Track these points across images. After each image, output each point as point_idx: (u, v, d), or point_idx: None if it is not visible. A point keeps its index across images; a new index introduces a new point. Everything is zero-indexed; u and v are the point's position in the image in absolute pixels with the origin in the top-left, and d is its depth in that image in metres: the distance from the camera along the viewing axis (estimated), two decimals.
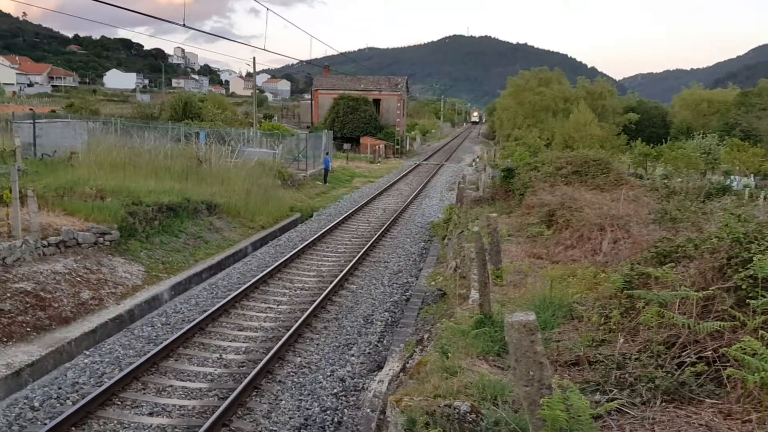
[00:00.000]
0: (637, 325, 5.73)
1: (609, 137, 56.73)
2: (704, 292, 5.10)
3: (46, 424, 7.91)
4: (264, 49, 25.84)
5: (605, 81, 79.68)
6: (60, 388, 9.13)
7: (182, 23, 15.68)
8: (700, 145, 36.64)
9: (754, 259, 4.84)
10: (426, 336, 9.32)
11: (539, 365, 3.39)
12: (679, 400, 4.58)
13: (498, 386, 4.94)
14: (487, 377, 5.16)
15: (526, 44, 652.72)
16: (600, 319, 6.30)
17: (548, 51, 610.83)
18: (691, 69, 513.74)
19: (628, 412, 4.51)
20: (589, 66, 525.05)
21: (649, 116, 76.06)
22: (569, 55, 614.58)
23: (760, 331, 4.37)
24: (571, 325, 6.83)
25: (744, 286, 5.01)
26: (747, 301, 4.74)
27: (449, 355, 5.67)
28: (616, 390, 4.78)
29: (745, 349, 3.85)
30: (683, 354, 4.95)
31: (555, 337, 6.52)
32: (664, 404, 4.55)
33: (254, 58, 43.89)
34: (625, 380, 4.88)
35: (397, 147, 62.38)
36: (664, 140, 49.48)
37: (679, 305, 5.38)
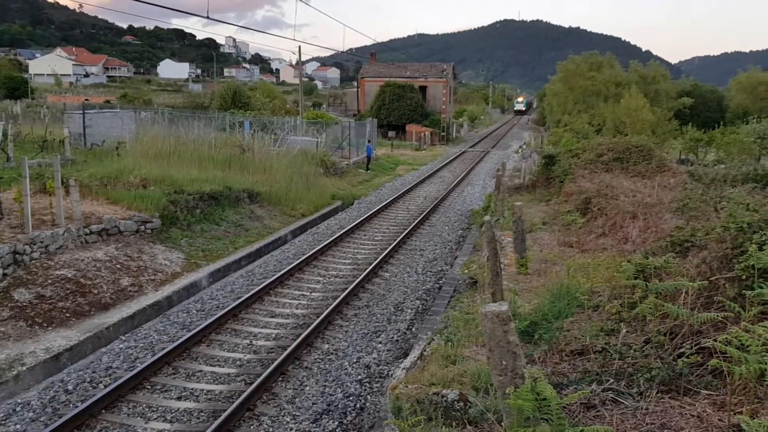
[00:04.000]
0: (645, 315, 5.68)
1: (660, 122, 55.31)
2: (700, 283, 5.01)
3: (77, 406, 8.25)
4: (293, 39, 26.16)
5: (658, 65, 77.40)
6: (94, 372, 9.49)
7: (206, 15, 15.98)
8: (754, 129, 35.49)
9: (750, 249, 4.74)
10: (449, 324, 9.36)
11: (512, 355, 3.42)
12: (675, 391, 4.54)
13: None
14: (485, 366, 5.20)
15: (578, 28, 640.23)
16: (612, 309, 6.25)
17: (601, 35, 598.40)
18: (750, 51, 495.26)
19: (622, 402, 4.50)
20: (643, 49, 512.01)
21: (704, 100, 73.83)
22: (623, 39, 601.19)
23: (743, 323, 4.28)
24: (586, 315, 6.79)
25: (744, 277, 4.91)
26: (743, 292, 4.65)
27: (453, 343, 5.71)
28: (613, 380, 4.76)
29: (730, 341, 3.79)
30: (684, 345, 4.89)
31: (567, 326, 6.49)
32: (659, 395, 4.51)
33: (299, 48, 44.45)
34: (624, 370, 4.86)
35: (443, 134, 62.14)
36: (719, 125, 48.05)
37: (684, 295, 5.31)
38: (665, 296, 5.26)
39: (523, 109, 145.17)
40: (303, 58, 47.95)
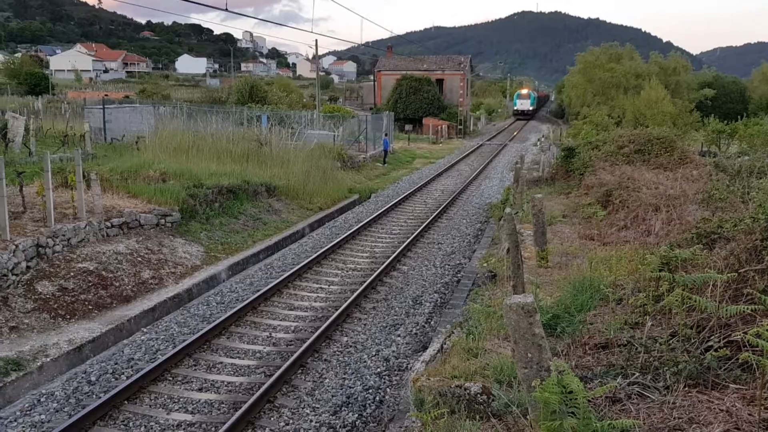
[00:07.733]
0: (670, 308, 5.59)
1: (681, 114, 54.71)
2: (729, 275, 4.93)
3: (100, 397, 8.31)
4: (311, 32, 26.19)
5: (679, 56, 76.55)
6: (116, 364, 9.55)
7: (225, 8, 16.01)
8: None
9: None
10: (469, 317, 9.31)
11: (538, 347, 3.37)
12: (703, 385, 4.47)
13: (515, 368, 4.91)
14: (507, 359, 5.15)
15: (597, 19, 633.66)
16: (636, 302, 6.17)
17: (621, 26, 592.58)
18: None
19: (648, 396, 4.43)
20: (664, 40, 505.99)
21: (726, 92, 72.87)
22: (644, 30, 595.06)
23: None
24: (609, 308, 6.71)
25: None
26: None
27: (474, 336, 5.67)
28: (638, 374, 4.69)
29: (761, 333, 3.71)
30: (711, 338, 4.82)
31: (590, 319, 6.42)
32: (686, 389, 4.44)
33: (316, 41, 44.25)
34: (650, 364, 4.79)
35: (460, 127, 61.91)
36: (741, 116, 47.38)
37: (712, 288, 5.22)
38: (692, 289, 5.18)
39: (530, 109, 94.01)
40: (319, 52, 47.99)
